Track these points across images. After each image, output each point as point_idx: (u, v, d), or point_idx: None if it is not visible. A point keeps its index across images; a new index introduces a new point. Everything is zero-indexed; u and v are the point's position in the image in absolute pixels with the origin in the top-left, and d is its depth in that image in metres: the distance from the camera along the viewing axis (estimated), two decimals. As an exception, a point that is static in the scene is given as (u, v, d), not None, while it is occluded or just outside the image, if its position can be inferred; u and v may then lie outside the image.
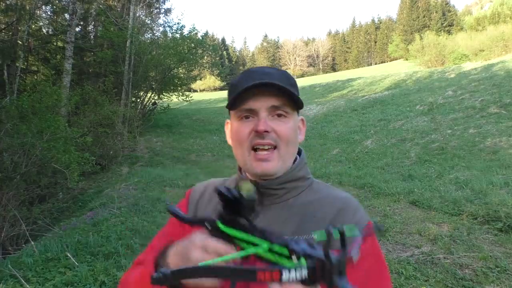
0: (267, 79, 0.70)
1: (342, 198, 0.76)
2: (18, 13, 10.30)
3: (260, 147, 0.71)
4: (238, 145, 0.74)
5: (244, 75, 0.74)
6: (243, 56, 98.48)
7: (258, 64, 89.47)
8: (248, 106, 0.71)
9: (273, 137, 0.71)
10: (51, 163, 5.68)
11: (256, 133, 0.70)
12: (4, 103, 6.74)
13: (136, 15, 17.06)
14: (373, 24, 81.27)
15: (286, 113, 0.72)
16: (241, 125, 0.72)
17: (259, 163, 0.71)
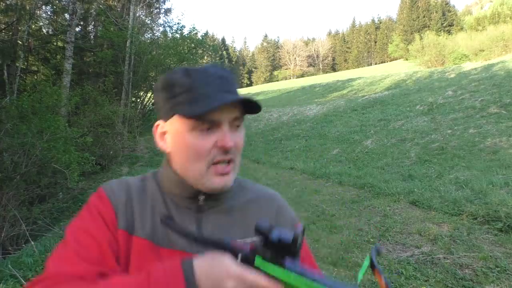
0: (227, 85, 0.67)
1: (273, 195, 0.80)
2: (18, 13, 10.30)
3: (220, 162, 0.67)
4: (194, 160, 0.66)
5: (196, 76, 0.66)
6: (243, 56, 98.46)
7: (258, 64, 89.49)
8: (212, 117, 0.64)
9: (233, 151, 0.67)
10: (51, 163, 5.68)
11: (222, 148, 0.65)
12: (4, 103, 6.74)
13: (136, 15, 17.07)
14: (373, 24, 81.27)
15: (241, 122, 0.70)
16: (200, 138, 0.65)
17: (220, 177, 0.67)
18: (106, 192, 0.71)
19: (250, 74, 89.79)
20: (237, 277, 0.53)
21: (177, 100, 0.66)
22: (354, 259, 3.68)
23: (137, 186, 0.73)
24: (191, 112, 0.64)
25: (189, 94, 0.65)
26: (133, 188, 0.73)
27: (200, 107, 0.63)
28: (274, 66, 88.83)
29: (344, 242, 4.16)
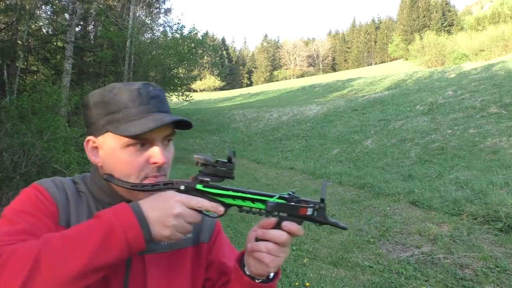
0: (160, 104, 0.71)
1: None
2: (18, 13, 10.30)
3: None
4: (126, 175, 0.68)
5: (130, 95, 0.68)
6: (243, 56, 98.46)
7: (258, 64, 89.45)
8: (146, 136, 0.67)
9: (165, 167, 0.70)
10: (51, 163, 5.68)
11: (155, 165, 0.68)
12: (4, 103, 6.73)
13: (136, 15, 17.07)
14: (373, 24, 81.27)
15: (172, 137, 0.74)
16: (133, 154, 0.67)
17: None
18: (47, 189, 0.70)
19: (250, 74, 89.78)
20: (182, 202, 0.60)
21: (112, 118, 0.68)
22: (354, 259, 3.68)
23: (70, 186, 0.73)
24: (127, 132, 0.66)
25: (124, 113, 0.67)
26: (68, 189, 0.73)
27: (136, 127, 0.65)
28: (274, 66, 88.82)
29: (344, 242, 4.16)
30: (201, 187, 0.64)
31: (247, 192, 0.64)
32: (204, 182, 0.64)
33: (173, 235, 0.59)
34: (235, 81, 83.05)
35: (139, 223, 0.57)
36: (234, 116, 20.16)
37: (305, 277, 3.35)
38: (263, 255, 0.64)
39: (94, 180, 0.75)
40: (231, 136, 16.03)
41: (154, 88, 0.73)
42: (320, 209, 0.63)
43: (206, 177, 0.64)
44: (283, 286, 3.20)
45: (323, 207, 0.63)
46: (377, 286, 3.12)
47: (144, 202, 0.60)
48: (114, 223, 0.56)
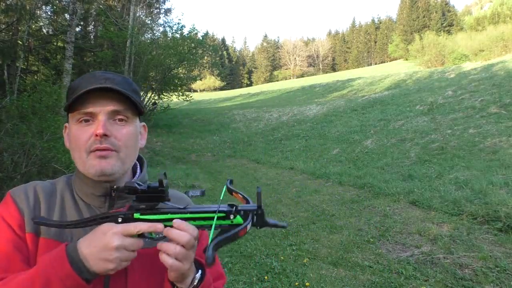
0: (109, 83, 0.70)
1: (182, 197, 0.87)
2: (18, 13, 10.30)
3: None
4: (76, 149, 0.71)
5: (84, 78, 0.73)
6: (243, 56, 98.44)
7: (258, 64, 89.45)
8: (87, 109, 0.69)
9: (112, 141, 0.70)
10: (51, 163, 5.68)
11: (95, 137, 0.69)
12: (4, 103, 6.74)
13: (136, 15, 17.07)
14: (373, 24, 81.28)
15: (127, 117, 0.73)
16: (80, 129, 0.71)
17: (98, 160, 0.70)
18: (13, 198, 0.73)
19: (250, 74, 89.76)
20: (119, 233, 0.59)
21: (69, 99, 0.72)
22: (354, 259, 3.69)
23: (45, 189, 0.76)
24: (66, 106, 0.71)
25: (75, 92, 0.71)
26: (40, 192, 0.75)
27: (71, 99, 0.70)
28: (274, 66, 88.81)
29: (344, 242, 4.17)
30: (139, 216, 0.63)
31: (184, 212, 0.64)
32: (140, 210, 0.63)
33: (119, 266, 0.60)
34: (235, 81, 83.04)
35: (75, 270, 0.58)
36: (234, 116, 20.16)
37: (305, 277, 3.36)
38: (164, 257, 0.62)
39: (77, 173, 0.77)
40: (231, 136, 16.04)
41: (115, 74, 0.75)
42: (258, 215, 0.63)
43: (141, 204, 0.63)
44: (283, 286, 3.21)
45: (261, 213, 0.63)
46: (377, 286, 3.12)
47: (82, 241, 0.61)
48: (50, 275, 0.58)
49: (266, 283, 3.27)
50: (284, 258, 3.79)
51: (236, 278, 3.35)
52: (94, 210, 0.75)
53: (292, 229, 4.74)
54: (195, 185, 7.76)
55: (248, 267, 3.63)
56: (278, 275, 3.41)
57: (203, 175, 9.28)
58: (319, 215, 5.31)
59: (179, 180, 8.16)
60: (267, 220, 0.63)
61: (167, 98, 19.07)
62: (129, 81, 0.77)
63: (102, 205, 0.76)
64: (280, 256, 3.86)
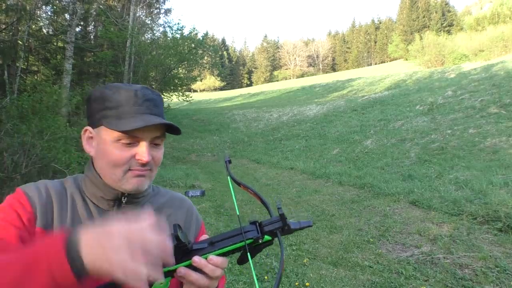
0: (153, 107, 0.75)
1: (183, 198, 0.92)
2: (19, 13, 10.30)
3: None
4: (112, 166, 0.73)
5: (123, 94, 0.73)
6: (243, 56, 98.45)
7: (258, 64, 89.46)
8: (135, 134, 0.72)
9: (150, 164, 0.75)
10: (51, 163, 5.68)
11: (140, 161, 0.72)
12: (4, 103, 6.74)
13: (136, 15, 17.07)
14: (373, 24, 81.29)
15: (162, 141, 0.78)
16: (120, 149, 0.72)
17: (137, 179, 0.73)
18: (25, 193, 0.73)
19: (250, 74, 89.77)
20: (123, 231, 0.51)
21: (107, 113, 0.74)
22: (354, 259, 3.69)
23: (56, 188, 0.77)
24: (117, 127, 0.71)
25: (119, 111, 0.73)
26: (52, 190, 0.76)
27: (126, 124, 0.71)
28: (274, 66, 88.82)
29: (344, 242, 4.17)
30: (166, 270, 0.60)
31: (215, 250, 0.61)
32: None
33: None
34: (235, 81, 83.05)
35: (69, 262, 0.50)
36: (234, 116, 20.16)
37: (305, 277, 3.36)
38: (191, 286, 0.62)
39: (88, 175, 0.78)
40: (231, 136, 16.04)
41: (152, 92, 0.78)
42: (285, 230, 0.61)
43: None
44: (283, 286, 3.21)
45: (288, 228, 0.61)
46: (377, 286, 3.12)
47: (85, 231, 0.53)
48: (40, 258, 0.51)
49: (266, 283, 3.27)
50: (284, 258, 3.79)
51: (236, 278, 3.35)
52: (103, 212, 0.77)
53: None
54: (195, 185, 7.76)
55: (248, 267, 3.63)
56: (278, 275, 3.41)
57: (203, 175, 9.28)
58: (319, 215, 5.31)
59: (179, 180, 8.16)
60: (294, 228, 0.62)
61: (167, 98, 19.08)
62: (161, 97, 0.80)
63: (110, 208, 0.78)
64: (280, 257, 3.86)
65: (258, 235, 0.60)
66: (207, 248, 0.62)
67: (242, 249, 0.62)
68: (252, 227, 0.61)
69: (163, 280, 0.60)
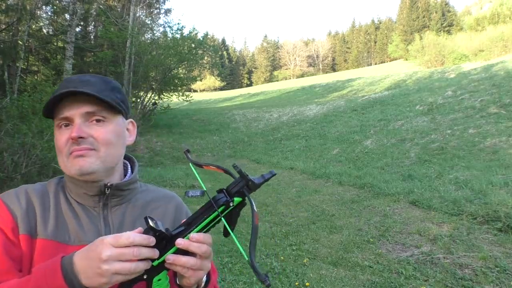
0: (81, 86, 0.71)
1: (173, 195, 0.90)
2: (19, 13, 10.30)
3: None
4: (58, 153, 0.73)
5: (62, 83, 0.74)
6: (243, 56, 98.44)
7: (258, 64, 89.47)
8: (63, 114, 0.71)
9: (90, 141, 0.72)
10: (51, 163, 5.69)
11: (71, 139, 0.70)
12: (4, 103, 6.74)
13: (136, 15, 17.07)
14: (373, 24, 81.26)
15: (104, 117, 0.73)
16: (59, 133, 0.73)
17: (77, 159, 0.71)
18: (4, 201, 0.72)
19: (250, 74, 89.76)
20: (109, 243, 0.57)
21: None
22: (354, 259, 3.69)
23: (37, 191, 0.76)
24: (42, 112, 0.73)
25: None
26: (32, 194, 0.75)
27: (45, 106, 0.72)
28: (274, 66, 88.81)
29: (344, 242, 4.17)
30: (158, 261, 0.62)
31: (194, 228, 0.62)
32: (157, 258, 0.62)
33: (112, 280, 0.56)
34: (235, 81, 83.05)
35: (67, 284, 0.56)
36: (234, 116, 20.16)
37: (305, 277, 3.36)
38: (183, 270, 0.61)
39: (66, 175, 0.78)
40: (231, 136, 16.04)
41: (92, 76, 0.76)
42: (249, 185, 0.61)
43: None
44: (283, 286, 3.21)
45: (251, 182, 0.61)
46: (377, 286, 3.13)
47: (78, 253, 0.59)
48: (42, 286, 0.57)
49: (266, 283, 3.27)
50: (284, 258, 3.80)
51: (236, 278, 3.35)
52: (88, 210, 0.76)
53: (292, 229, 4.74)
54: (195, 185, 7.76)
55: (248, 267, 3.63)
56: (278, 275, 3.41)
57: (203, 175, 9.28)
58: (319, 215, 5.31)
59: (179, 180, 8.17)
60: (258, 182, 0.61)
61: (167, 98, 19.08)
62: (107, 80, 0.77)
63: (96, 204, 0.76)
64: (280, 256, 3.86)
65: (227, 199, 0.61)
66: (186, 229, 0.62)
67: (218, 219, 0.62)
68: (220, 195, 0.62)
69: (161, 275, 0.62)
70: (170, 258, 0.60)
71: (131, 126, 0.84)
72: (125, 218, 0.77)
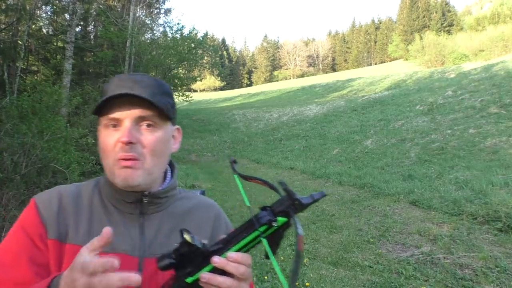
0: (136, 87, 0.68)
1: (212, 205, 0.85)
2: (18, 13, 10.30)
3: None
4: (104, 155, 0.69)
5: (113, 81, 0.70)
6: (243, 56, 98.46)
7: (258, 64, 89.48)
8: (113, 114, 0.67)
9: (138, 149, 0.68)
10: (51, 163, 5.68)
11: (120, 143, 0.66)
12: (4, 103, 6.74)
13: (136, 15, 17.07)
14: (373, 24, 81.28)
15: (155, 123, 0.70)
16: (106, 135, 0.69)
17: (124, 170, 0.67)
18: (37, 204, 0.71)
19: (250, 74, 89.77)
20: (80, 270, 0.49)
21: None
22: (354, 259, 3.69)
23: (71, 193, 0.74)
24: (94, 110, 0.68)
25: (102, 95, 0.70)
26: (65, 196, 0.73)
27: (97, 105, 0.68)
28: (274, 66, 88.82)
29: (344, 242, 4.17)
30: (191, 279, 0.57)
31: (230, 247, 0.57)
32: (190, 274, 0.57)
33: None
34: (235, 81, 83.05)
35: None
36: (234, 116, 20.17)
37: (305, 277, 3.36)
38: None
39: (104, 176, 0.75)
40: (231, 136, 16.04)
41: (143, 76, 0.72)
42: (295, 205, 0.57)
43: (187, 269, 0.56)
44: (283, 286, 3.20)
45: (298, 202, 0.57)
46: (377, 286, 3.12)
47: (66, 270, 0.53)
48: None
49: (266, 283, 3.27)
50: (284, 258, 3.79)
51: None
52: (125, 216, 0.73)
53: (292, 229, 4.73)
54: (195, 185, 7.76)
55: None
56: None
57: (203, 175, 9.28)
58: (319, 215, 5.30)
59: (179, 180, 8.16)
60: (306, 202, 0.57)
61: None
62: (160, 82, 0.73)
63: (133, 211, 0.73)
64: (280, 256, 3.86)
65: (270, 218, 0.56)
66: (223, 247, 0.57)
67: (259, 239, 0.57)
68: (263, 213, 0.57)
69: None
70: (205, 277, 0.55)
71: (176, 133, 0.81)
72: (161, 227, 0.74)
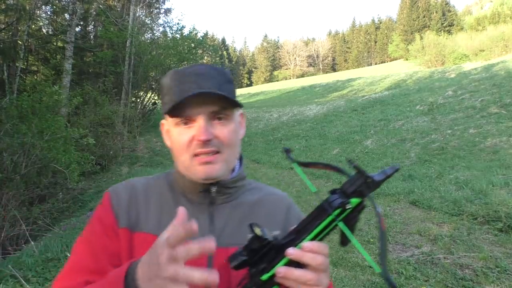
0: (202, 81, 0.68)
1: (283, 196, 0.84)
2: (18, 13, 10.30)
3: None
4: (179, 153, 0.70)
5: (174, 78, 0.70)
6: (243, 56, 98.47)
7: (258, 64, 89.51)
8: (185, 113, 0.67)
9: (215, 143, 0.68)
10: (51, 163, 5.68)
11: (198, 141, 0.67)
12: (4, 103, 6.73)
13: (136, 15, 17.07)
14: (373, 24, 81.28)
15: (227, 115, 0.70)
16: (179, 133, 0.69)
17: (204, 166, 0.68)
18: (110, 195, 0.75)
19: (250, 74, 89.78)
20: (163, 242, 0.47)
21: (164, 100, 0.72)
22: (354, 259, 3.68)
23: (141, 185, 0.77)
24: (165, 110, 0.69)
25: (169, 94, 0.70)
26: (137, 187, 0.76)
27: (169, 105, 0.67)
28: (274, 66, 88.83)
29: (344, 242, 4.16)
30: (267, 276, 0.53)
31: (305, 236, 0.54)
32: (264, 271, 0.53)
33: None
34: (235, 81, 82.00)
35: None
36: (234, 116, 20.16)
37: (305, 277, 3.35)
38: (297, 286, 0.53)
39: (175, 169, 0.77)
40: (231, 136, 16.02)
41: (205, 66, 0.72)
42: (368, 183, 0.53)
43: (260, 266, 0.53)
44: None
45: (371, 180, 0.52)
46: (377, 286, 3.12)
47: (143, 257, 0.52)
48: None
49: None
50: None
51: None
52: (195, 206, 0.73)
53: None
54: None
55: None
56: (278, 275, 3.41)
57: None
58: (319, 215, 5.30)
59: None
60: (379, 179, 0.52)
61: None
62: (221, 71, 0.73)
63: (202, 200, 0.74)
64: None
65: (342, 200, 0.52)
66: (296, 238, 0.54)
67: (334, 224, 0.53)
68: (334, 197, 0.52)
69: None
70: (281, 271, 0.51)
71: (240, 118, 0.79)
72: (231, 217, 0.74)
